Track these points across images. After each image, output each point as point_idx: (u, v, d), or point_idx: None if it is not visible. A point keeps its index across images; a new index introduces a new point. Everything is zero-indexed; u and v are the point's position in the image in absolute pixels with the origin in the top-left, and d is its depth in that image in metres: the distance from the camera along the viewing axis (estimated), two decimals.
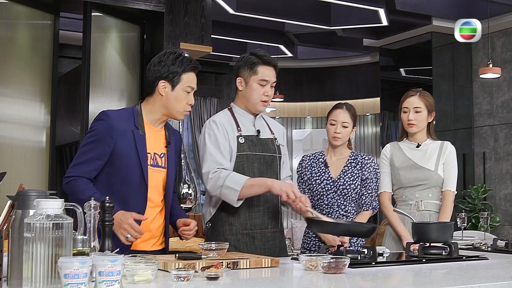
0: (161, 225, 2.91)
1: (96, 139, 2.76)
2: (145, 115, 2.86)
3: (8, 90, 5.84)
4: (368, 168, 3.49)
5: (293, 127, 12.25)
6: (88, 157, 2.75)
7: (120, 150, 2.75)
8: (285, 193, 2.89)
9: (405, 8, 8.39)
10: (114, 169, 2.76)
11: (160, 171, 2.86)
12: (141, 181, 2.77)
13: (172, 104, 2.84)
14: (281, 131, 3.36)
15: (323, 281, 2.19)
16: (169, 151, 2.91)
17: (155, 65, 2.85)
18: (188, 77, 2.86)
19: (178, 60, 2.83)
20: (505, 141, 8.97)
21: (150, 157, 2.82)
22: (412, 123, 3.62)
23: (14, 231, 1.88)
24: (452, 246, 2.86)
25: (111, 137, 2.74)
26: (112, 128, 2.75)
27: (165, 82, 2.82)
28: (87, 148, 2.77)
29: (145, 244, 2.82)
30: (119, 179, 2.76)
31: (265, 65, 3.13)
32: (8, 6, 5.91)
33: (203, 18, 6.88)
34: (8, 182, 2.73)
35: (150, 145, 2.83)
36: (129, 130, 2.78)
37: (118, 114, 2.83)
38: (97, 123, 2.80)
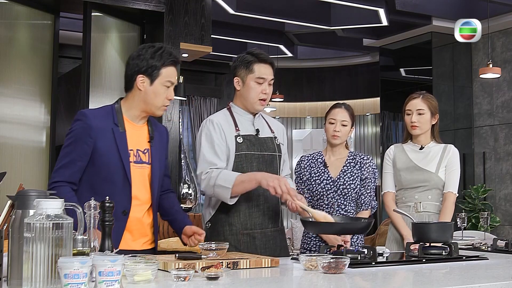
0: (150, 223, 2.86)
1: (75, 140, 2.71)
2: (124, 112, 2.80)
3: (8, 90, 5.84)
4: (367, 168, 3.51)
5: (293, 127, 12.25)
6: (69, 160, 2.70)
7: (100, 149, 2.70)
8: (272, 187, 2.86)
9: (405, 8, 8.39)
10: (96, 169, 2.71)
11: (144, 167, 2.80)
12: (124, 179, 2.71)
13: (151, 99, 2.77)
14: (281, 130, 3.36)
15: (323, 281, 2.19)
16: (152, 146, 2.84)
17: (133, 59, 2.77)
18: (168, 71, 2.78)
19: (157, 54, 2.75)
20: (505, 141, 8.97)
21: (133, 154, 2.76)
22: (415, 125, 3.63)
23: (14, 231, 1.88)
24: (452, 246, 2.86)
25: (90, 136, 2.69)
26: (90, 128, 2.69)
27: (144, 76, 2.75)
28: (67, 150, 2.72)
29: (136, 243, 2.78)
30: (102, 178, 2.70)
31: (261, 63, 3.12)
32: (8, 6, 5.91)
33: (203, 18, 6.88)
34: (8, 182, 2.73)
35: (132, 142, 2.77)
36: (108, 128, 2.72)
37: (96, 113, 2.78)
38: (75, 124, 2.74)
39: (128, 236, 2.76)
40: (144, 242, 2.83)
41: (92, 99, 6.19)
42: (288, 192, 2.86)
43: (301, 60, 11.66)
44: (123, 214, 2.72)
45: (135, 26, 6.92)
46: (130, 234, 2.77)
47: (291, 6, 8.67)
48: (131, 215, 2.75)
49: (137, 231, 2.79)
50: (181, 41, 6.73)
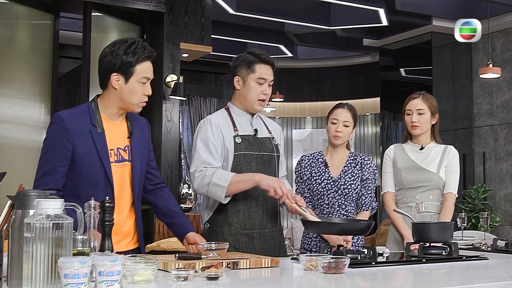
0: (133, 223, 2.78)
1: (53, 145, 2.61)
2: (102, 110, 2.68)
3: (8, 90, 5.84)
4: (368, 168, 3.50)
5: (293, 127, 12.25)
6: (51, 167, 2.60)
7: (80, 152, 2.60)
8: (272, 188, 2.87)
9: (405, 8, 8.39)
10: (76, 173, 2.61)
11: (125, 165, 2.71)
12: (106, 180, 2.63)
13: (127, 97, 2.66)
14: (278, 130, 3.36)
15: (323, 281, 2.19)
16: (132, 142, 2.74)
17: (106, 56, 2.65)
18: (143, 68, 2.66)
19: (130, 50, 2.63)
20: (505, 141, 8.97)
21: (114, 153, 2.68)
22: (415, 125, 3.63)
23: (14, 231, 1.88)
24: (452, 246, 2.86)
25: (68, 140, 2.58)
26: (67, 130, 2.59)
27: (118, 74, 2.63)
28: (47, 157, 2.62)
29: (119, 245, 2.69)
30: (83, 182, 2.61)
31: (262, 63, 3.12)
32: (8, 6, 5.91)
33: (203, 18, 6.89)
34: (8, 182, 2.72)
35: (111, 141, 2.67)
36: (86, 129, 2.62)
37: (72, 114, 2.67)
38: (51, 128, 2.64)
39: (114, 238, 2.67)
40: (128, 242, 2.77)
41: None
42: (287, 194, 2.88)
43: (301, 60, 11.66)
44: None
45: (135, 26, 6.92)
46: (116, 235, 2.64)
47: (291, 6, 8.67)
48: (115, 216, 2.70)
49: (121, 233, 2.72)
50: (181, 41, 6.73)
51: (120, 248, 2.68)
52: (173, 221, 2.93)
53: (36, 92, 6.13)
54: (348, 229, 3.03)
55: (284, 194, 2.87)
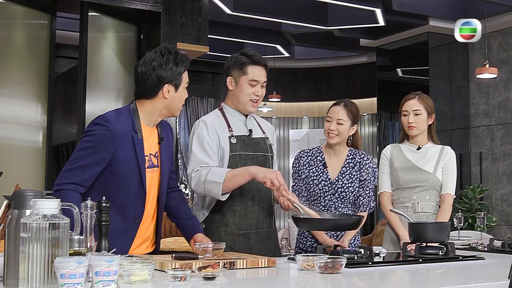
0: (153, 227, 2.83)
1: (96, 145, 2.61)
2: (142, 117, 2.72)
3: (5, 90, 5.83)
4: (366, 169, 3.43)
5: (290, 127, 12.25)
6: (85, 163, 2.60)
7: (120, 157, 2.62)
8: (269, 180, 2.85)
9: (402, 8, 8.40)
10: (112, 176, 2.63)
11: (154, 170, 2.76)
12: (140, 187, 2.67)
13: (176, 105, 2.76)
14: (271, 131, 3.35)
15: (319, 281, 2.19)
16: (162, 148, 2.81)
17: (155, 69, 2.69)
18: (186, 74, 2.77)
19: (178, 61, 2.72)
20: (502, 141, 8.98)
21: (148, 160, 2.73)
22: (412, 125, 3.63)
23: (10, 231, 1.88)
24: (448, 246, 2.87)
25: (112, 144, 2.61)
26: (114, 135, 2.61)
27: (170, 85, 2.70)
28: (84, 153, 2.62)
29: (139, 248, 2.75)
30: (117, 186, 2.64)
31: (254, 65, 3.11)
32: (4, 5, 5.90)
33: (200, 18, 6.88)
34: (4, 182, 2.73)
35: (147, 147, 2.72)
36: (129, 135, 2.65)
37: (117, 118, 2.68)
38: (97, 128, 2.64)
39: (136, 242, 2.73)
40: (147, 246, 2.82)
41: (88, 99, 6.19)
42: (283, 185, 2.86)
43: (298, 60, 11.66)
44: (135, 222, 2.68)
45: (132, 26, 6.92)
46: (138, 239, 2.74)
47: (288, 6, 8.67)
48: (143, 223, 2.72)
49: (143, 237, 2.77)
50: (178, 41, 6.73)
51: (139, 251, 2.73)
52: (182, 221, 2.96)
53: (33, 92, 6.13)
54: (339, 225, 3.02)
55: (281, 185, 2.85)
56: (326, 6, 8.73)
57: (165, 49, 2.75)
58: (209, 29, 7.08)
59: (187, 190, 8.49)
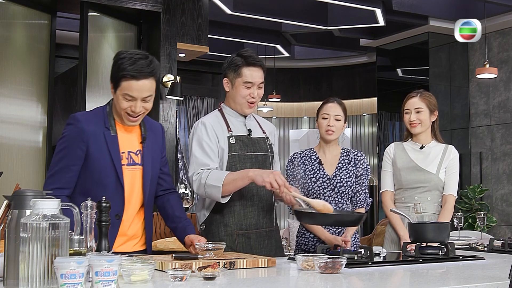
0: (141, 225, 2.83)
1: (68, 145, 2.67)
2: (116, 115, 2.75)
3: (5, 90, 5.83)
4: (361, 164, 3.48)
5: (290, 127, 12.25)
6: (63, 165, 2.67)
7: (93, 153, 2.66)
8: (268, 183, 2.83)
9: (402, 8, 8.40)
10: (88, 173, 2.68)
11: (136, 168, 2.76)
12: (117, 182, 2.69)
13: (118, 105, 2.70)
14: (272, 130, 3.34)
15: (319, 281, 2.19)
16: (145, 147, 2.80)
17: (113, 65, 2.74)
18: (127, 85, 2.66)
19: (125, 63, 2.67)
20: (502, 141, 8.98)
21: (125, 157, 2.74)
22: (414, 123, 3.62)
23: (10, 231, 1.88)
24: (448, 246, 2.87)
25: (83, 140, 2.66)
26: (83, 131, 2.66)
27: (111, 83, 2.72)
28: (61, 155, 2.69)
29: (125, 246, 2.75)
30: (94, 183, 2.67)
31: (249, 66, 3.09)
32: (5, 5, 5.90)
33: (200, 18, 6.89)
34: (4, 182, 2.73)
35: (124, 144, 2.73)
36: (100, 132, 2.69)
37: (88, 116, 2.75)
38: (67, 128, 2.71)
39: (120, 239, 2.73)
40: (135, 244, 2.81)
41: (88, 99, 6.19)
42: (284, 184, 2.84)
43: (298, 60, 11.66)
44: (116, 218, 2.69)
45: (131, 26, 6.92)
46: (122, 237, 2.74)
47: (288, 6, 8.67)
48: (124, 218, 2.73)
49: (126, 234, 2.76)
50: (178, 41, 6.73)
51: (126, 249, 2.73)
52: (175, 225, 2.95)
53: (33, 92, 6.13)
54: (342, 221, 3.02)
55: (281, 185, 2.83)
56: (326, 6, 8.74)
57: (132, 52, 2.72)
58: (209, 29, 7.08)
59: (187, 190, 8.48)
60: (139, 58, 2.67)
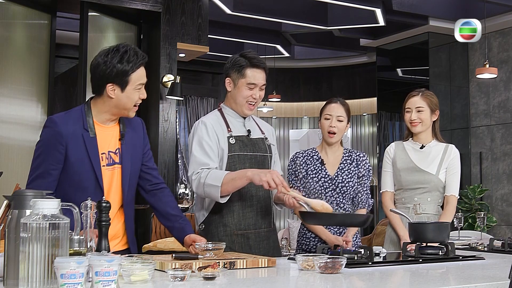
0: (121, 225, 2.78)
1: (46, 149, 2.61)
2: (94, 115, 2.69)
3: (5, 90, 5.83)
4: (363, 165, 3.48)
5: (290, 127, 12.25)
6: (43, 170, 2.61)
7: (71, 156, 2.61)
8: (265, 182, 2.82)
9: (402, 8, 8.40)
10: (67, 176, 2.62)
11: (115, 167, 2.72)
12: (96, 185, 2.64)
13: (124, 104, 2.67)
14: (270, 131, 3.35)
15: (319, 281, 2.19)
16: (123, 145, 2.74)
17: (99, 66, 2.62)
18: (137, 75, 2.65)
19: (124, 59, 2.61)
20: (502, 141, 8.98)
21: (105, 157, 2.69)
22: (415, 122, 3.61)
23: (10, 231, 1.88)
24: (448, 246, 2.87)
25: (61, 143, 2.60)
26: (61, 135, 2.60)
27: (113, 84, 2.62)
28: (40, 160, 2.63)
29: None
30: (73, 186, 2.62)
31: (253, 67, 3.10)
32: (4, 5, 5.90)
33: (200, 18, 6.88)
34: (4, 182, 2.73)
35: (103, 145, 2.68)
36: (79, 134, 2.63)
37: (65, 118, 2.66)
38: (44, 131, 2.65)
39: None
40: (116, 244, 2.75)
41: None
42: (282, 183, 2.84)
43: (298, 60, 11.66)
44: None
45: (132, 26, 6.92)
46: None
47: (288, 6, 8.67)
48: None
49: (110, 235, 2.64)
50: (178, 41, 6.73)
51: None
52: (172, 224, 2.92)
53: (33, 92, 6.13)
54: (348, 222, 3.02)
55: (278, 184, 2.83)
56: (326, 6, 8.73)
57: (115, 47, 2.66)
58: (209, 29, 7.08)
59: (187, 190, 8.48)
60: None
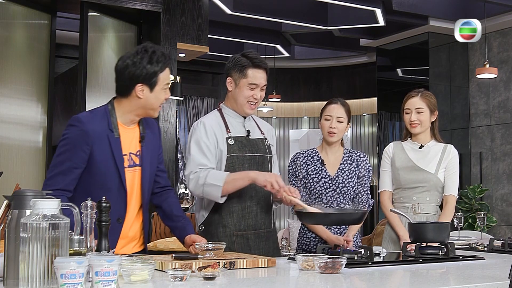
0: (139, 227, 2.82)
1: (72, 147, 2.62)
2: (119, 116, 2.72)
3: (5, 90, 5.83)
4: (364, 165, 3.47)
5: (290, 127, 12.25)
6: (66, 167, 2.61)
7: (97, 156, 2.62)
8: (269, 183, 2.85)
9: (402, 8, 8.40)
10: (91, 176, 2.64)
11: (135, 169, 2.75)
12: (120, 185, 2.67)
13: (152, 105, 2.71)
14: (270, 131, 3.35)
15: (319, 281, 2.19)
16: (143, 147, 2.77)
17: (128, 67, 2.67)
18: (165, 75, 2.71)
19: (154, 60, 2.66)
20: (502, 141, 8.98)
21: (127, 158, 2.71)
22: (415, 123, 3.61)
23: (10, 231, 1.88)
24: (448, 246, 2.86)
25: (87, 143, 2.61)
26: (87, 134, 2.61)
27: (143, 85, 2.66)
28: (63, 157, 2.63)
29: (126, 248, 2.74)
30: (97, 185, 2.63)
31: (255, 68, 3.10)
32: (5, 5, 5.91)
33: (200, 18, 6.88)
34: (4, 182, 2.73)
35: (125, 146, 2.70)
36: (104, 134, 2.65)
37: (91, 118, 2.68)
38: (70, 130, 2.65)
39: (121, 242, 2.72)
40: (134, 245, 2.80)
41: (88, 99, 6.18)
42: (283, 188, 2.86)
43: (298, 60, 11.66)
44: (118, 222, 2.68)
45: (132, 26, 6.92)
46: (123, 239, 2.73)
47: (288, 6, 8.67)
48: (125, 222, 2.72)
49: (127, 236, 2.75)
50: (178, 41, 6.73)
51: (126, 251, 2.72)
52: (174, 224, 2.94)
53: (33, 92, 6.13)
54: (345, 219, 3.02)
55: (281, 187, 2.86)
56: (326, 6, 8.74)
57: (142, 48, 2.71)
58: (209, 29, 7.08)
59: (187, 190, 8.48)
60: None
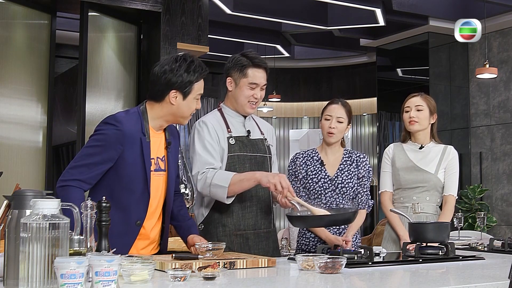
0: (159, 230, 2.85)
1: (105, 144, 2.63)
2: (150, 120, 2.75)
3: (5, 90, 5.83)
4: (363, 166, 3.47)
5: (290, 127, 12.25)
6: (93, 161, 2.62)
7: (127, 158, 2.65)
8: (273, 184, 2.85)
9: (402, 8, 8.40)
10: (117, 177, 2.66)
11: (161, 174, 2.78)
12: (144, 189, 2.69)
13: (183, 113, 2.76)
14: (270, 131, 3.35)
15: (319, 281, 2.19)
16: (169, 152, 2.83)
17: (166, 73, 2.71)
18: (199, 85, 2.78)
19: (191, 69, 2.73)
20: (502, 141, 8.98)
21: (154, 163, 2.74)
22: (413, 120, 3.61)
23: (10, 231, 1.88)
24: (448, 246, 2.87)
25: (121, 144, 2.63)
26: (124, 135, 2.63)
27: (177, 91, 2.71)
28: (93, 151, 2.64)
29: (145, 250, 2.77)
30: (121, 187, 2.66)
31: (255, 67, 3.11)
32: (4, 5, 5.90)
33: (200, 18, 6.88)
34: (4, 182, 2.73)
35: (154, 150, 2.74)
36: (137, 137, 2.67)
37: (128, 119, 2.70)
38: (107, 128, 2.66)
39: (142, 243, 2.75)
40: (152, 248, 2.83)
41: (88, 99, 6.18)
42: (288, 188, 2.85)
43: (298, 60, 11.67)
44: (136, 225, 2.70)
45: (132, 26, 6.91)
46: (144, 240, 2.75)
47: (288, 6, 8.67)
48: (145, 225, 2.73)
49: (148, 239, 2.78)
50: (178, 41, 6.72)
51: (145, 253, 2.74)
52: (180, 224, 2.97)
53: (33, 92, 6.12)
54: (337, 220, 3.01)
55: (285, 188, 2.85)
56: (326, 6, 8.74)
57: (182, 56, 2.77)
58: (209, 29, 7.07)
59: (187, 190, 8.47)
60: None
